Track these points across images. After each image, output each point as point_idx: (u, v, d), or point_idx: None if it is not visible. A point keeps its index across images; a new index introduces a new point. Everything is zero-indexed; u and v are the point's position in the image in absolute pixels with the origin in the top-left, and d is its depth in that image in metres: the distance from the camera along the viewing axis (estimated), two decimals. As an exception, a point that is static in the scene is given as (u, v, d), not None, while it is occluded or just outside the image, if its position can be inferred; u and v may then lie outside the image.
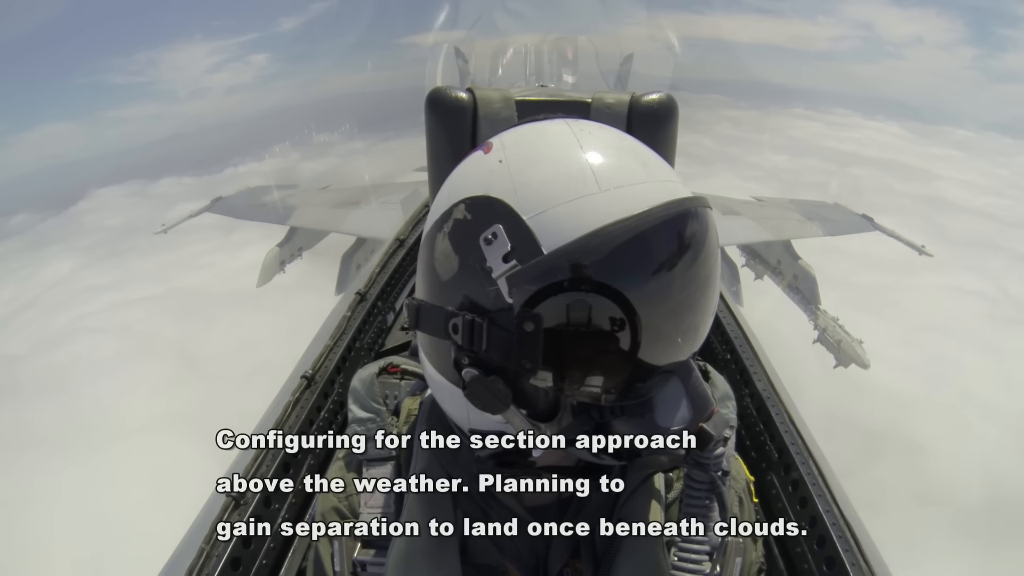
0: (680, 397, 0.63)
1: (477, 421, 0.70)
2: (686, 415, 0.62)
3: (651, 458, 0.63)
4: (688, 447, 0.63)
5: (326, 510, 0.84)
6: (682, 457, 0.63)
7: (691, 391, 0.63)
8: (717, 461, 0.65)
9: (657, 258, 0.60)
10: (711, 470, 0.65)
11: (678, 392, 0.63)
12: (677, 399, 0.63)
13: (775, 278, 8.83)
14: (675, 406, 0.63)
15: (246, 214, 9.33)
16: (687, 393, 0.63)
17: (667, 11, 9.67)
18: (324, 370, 1.92)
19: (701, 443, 0.63)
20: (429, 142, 1.62)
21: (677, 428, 0.62)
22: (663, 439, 0.62)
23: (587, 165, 0.61)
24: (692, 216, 0.62)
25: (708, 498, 0.67)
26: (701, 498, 0.67)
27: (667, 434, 0.62)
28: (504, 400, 0.63)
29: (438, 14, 9.67)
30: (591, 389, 0.62)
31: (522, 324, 0.59)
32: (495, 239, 0.60)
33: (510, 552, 0.78)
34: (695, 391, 0.63)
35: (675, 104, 1.56)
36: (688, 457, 0.64)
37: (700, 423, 0.62)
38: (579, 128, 0.67)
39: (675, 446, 0.62)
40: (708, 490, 0.67)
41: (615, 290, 0.58)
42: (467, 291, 0.63)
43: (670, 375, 0.63)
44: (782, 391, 1.85)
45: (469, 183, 0.66)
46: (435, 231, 0.68)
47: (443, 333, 0.65)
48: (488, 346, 0.62)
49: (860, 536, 1.33)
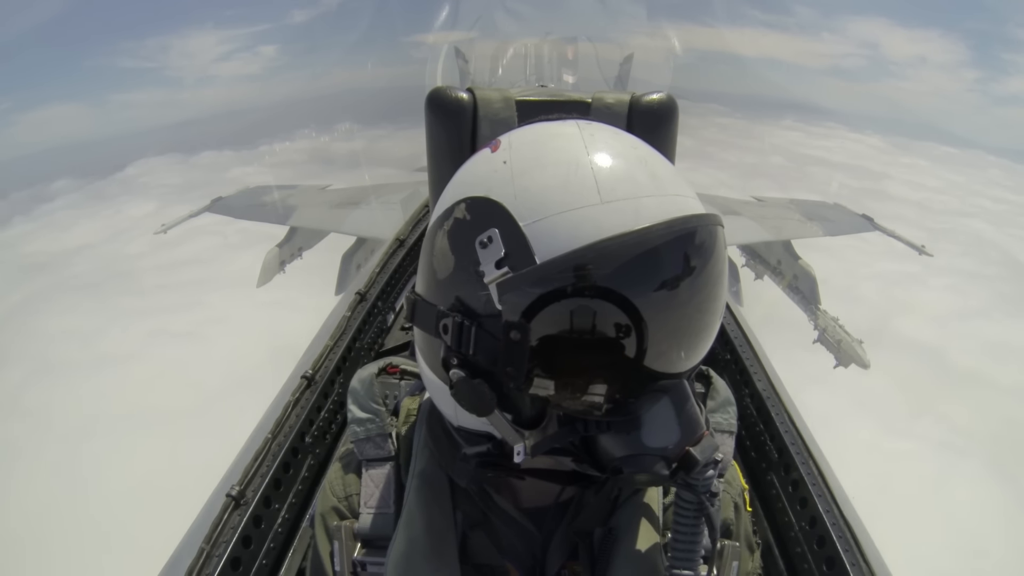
0: (670, 418, 0.61)
1: (464, 420, 0.70)
2: (673, 437, 0.61)
3: (633, 476, 0.61)
4: (672, 470, 0.61)
5: (326, 510, 0.84)
6: (665, 478, 0.61)
7: (681, 413, 0.61)
8: (706, 483, 0.62)
9: (656, 276, 0.57)
10: (699, 491, 0.62)
11: (668, 413, 0.61)
12: (666, 419, 0.61)
13: (775, 278, 8.83)
14: (663, 427, 0.61)
15: (246, 214, 9.32)
16: (677, 415, 0.61)
17: (671, 21, 9.72)
18: (324, 370, 1.92)
19: (687, 467, 0.61)
20: (429, 142, 1.62)
21: (663, 449, 0.61)
22: (647, 459, 0.61)
23: (591, 173, 0.59)
24: (697, 235, 0.59)
25: (696, 519, 0.65)
26: (689, 519, 0.65)
27: (652, 454, 0.61)
28: (489, 404, 0.62)
29: (438, 14, 9.67)
30: (579, 400, 0.61)
31: (509, 332, 0.58)
32: (490, 243, 0.59)
33: (509, 553, 0.78)
34: (686, 414, 0.62)
35: (675, 104, 1.56)
36: (675, 478, 0.62)
37: (687, 447, 0.61)
38: (589, 133, 0.64)
39: (658, 467, 0.60)
40: (696, 512, 0.64)
41: (612, 301, 0.56)
42: (460, 292, 0.62)
43: (662, 395, 0.61)
44: (782, 391, 1.85)
45: (473, 182, 0.65)
46: (436, 227, 0.67)
47: (434, 331, 0.64)
48: (475, 350, 0.61)
49: (860, 536, 1.33)
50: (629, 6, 10.47)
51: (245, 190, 10.00)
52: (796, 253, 8.58)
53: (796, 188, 14.63)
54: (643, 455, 0.61)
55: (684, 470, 0.61)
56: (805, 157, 34.61)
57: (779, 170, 25.72)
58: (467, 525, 0.78)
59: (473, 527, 0.78)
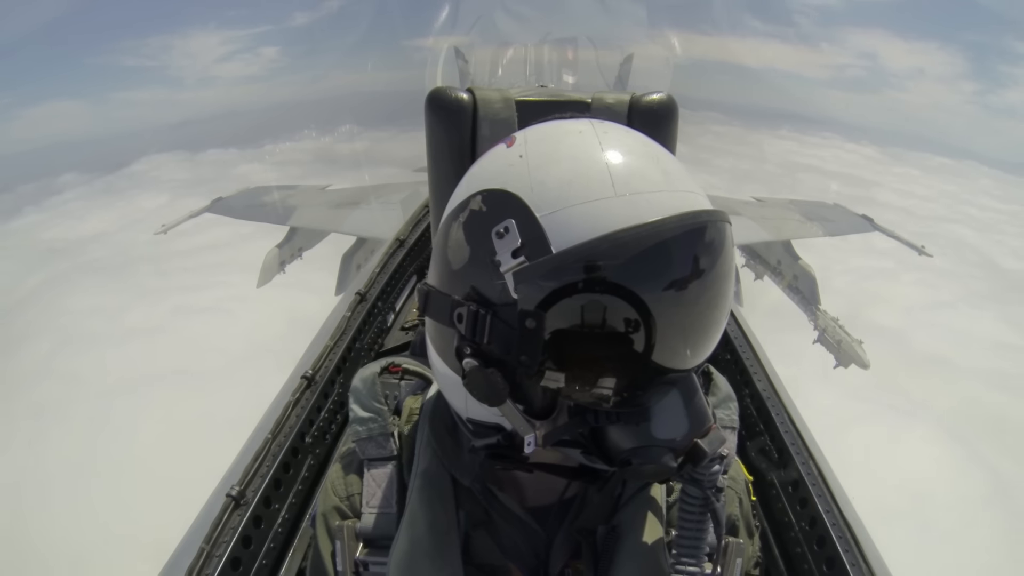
0: (679, 410, 0.62)
1: (475, 411, 0.71)
2: (682, 429, 0.61)
3: (642, 468, 0.62)
4: (680, 462, 0.62)
5: (327, 510, 0.83)
6: (673, 470, 0.62)
7: (690, 405, 0.62)
8: (712, 478, 0.63)
9: (667, 268, 0.59)
10: (704, 487, 0.63)
11: (677, 405, 0.62)
12: (675, 412, 0.62)
13: (775, 278, 8.84)
14: (672, 419, 0.62)
15: (246, 214, 9.33)
16: (686, 407, 0.62)
17: (671, 24, 9.78)
18: (324, 370, 1.92)
19: (694, 459, 0.62)
20: (429, 142, 1.63)
21: (671, 441, 0.61)
22: (656, 450, 0.61)
23: (606, 168, 0.60)
24: (708, 230, 0.61)
25: (702, 515, 0.66)
26: (694, 514, 0.66)
27: (661, 445, 0.61)
28: (501, 393, 0.63)
29: (438, 16, 9.67)
30: (589, 392, 0.62)
31: (524, 320, 0.59)
32: (507, 233, 0.60)
33: (512, 552, 0.78)
34: (694, 406, 0.62)
35: (675, 105, 1.56)
36: (682, 472, 0.63)
37: (695, 439, 0.62)
38: (603, 130, 0.66)
39: (666, 459, 0.61)
40: (702, 507, 0.65)
41: (623, 296, 0.57)
42: (475, 282, 0.63)
43: (671, 387, 0.62)
44: (782, 391, 1.86)
45: (488, 175, 0.66)
46: (451, 219, 0.68)
47: (448, 321, 0.65)
48: (490, 338, 0.62)
49: (860, 536, 1.34)
50: (629, 7, 10.47)
51: (245, 190, 10.02)
52: (796, 253, 8.59)
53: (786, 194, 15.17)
54: (652, 447, 0.61)
55: (691, 463, 0.62)
56: (797, 165, 35.46)
57: (771, 176, 26.16)
58: (470, 525, 0.78)
59: (476, 527, 0.78)
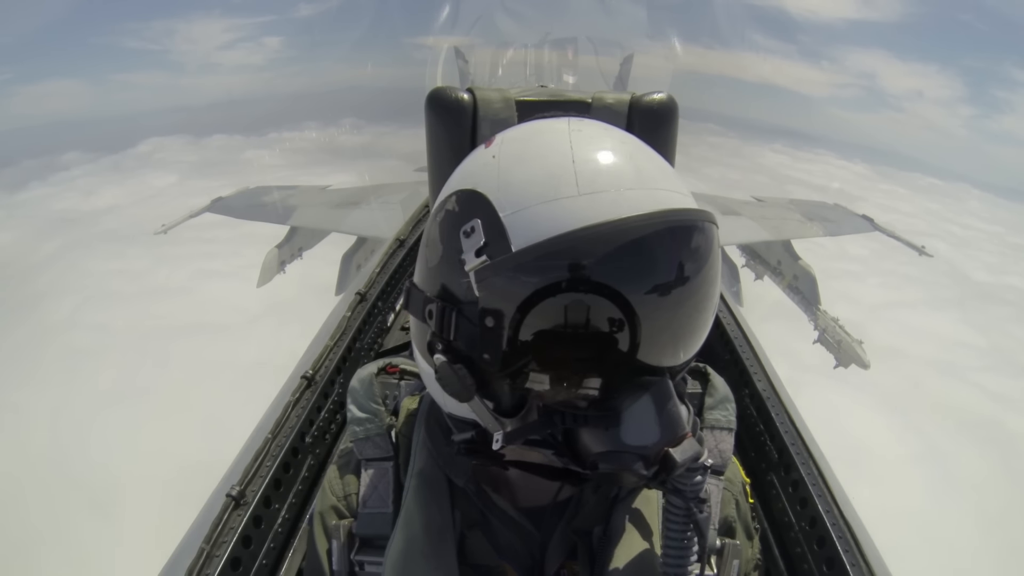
0: (650, 417, 0.59)
1: (450, 406, 0.72)
2: (652, 436, 0.58)
3: (612, 473, 0.60)
4: (649, 471, 0.59)
5: (324, 509, 0.84)
6: (645, 477, 0.59)
7: (663, 413, 0.59)
8: (695, 488, 0.61)
9: (634, 269, 0.57)
10: (687, 497, 0.61)
11: (648, 411, 0.59)
12: (646, 418, 0.59)
13: (775, 278, 8.82)
14: (643, 425, 0.59)
15: (246, 214, 9.31)
16: (657, 414, 0.59)
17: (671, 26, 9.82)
18: (324, 370, 1.92)
19: (667, 468, 0.59)
20: (429, 142, 1.63)
21: (642, 448, 0.58)
22: (626, 456, 0.59)
23: (571, 167, 0.60)
24: (680, 230, 0.59)
25: (684, 525, 0.63)
26: (677, 523, 0.63)
27: (631, 452, 0.59)
28: (469, 389, 0.63)
29: (438, 15, 9.67)
30: (555, 392, 0.60)
31: (484, 319, 0.59)
32: (473, 232, 0.60)
33: (507, 553, 0.78)
34: (667, 414, 0.59)
35: (675, 105, 1.56)
36: (661, 480, 0.60)
37: (667, 447, 0.58)
38: (577, 128, 0.65)
39: (637, 466, 0.59)
40: (684, 517, 0.63)
41: (585, 295, 0.56)
42: (445, 279, 0.64)
43: (643, 392, 0.59)
44: (782, 391, 1.85)
45: (464, 175, 0.68)
46: (431, 219, 0.70)
47: (421, 316, 0.67)
48: (456, 335, 0.63)
49: (860, 536, 1.33)
50: (629, 7, 10.49)
51: (245, 190, 9.99)
52: (796, 253, 8.58)
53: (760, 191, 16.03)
54: (621, 452, 0.59)
55: (665, 471, 0.59)
56: (786, 178, 36.54)
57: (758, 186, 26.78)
58: (465, 525, 0.78)
59: (471, 527, 0.78)
